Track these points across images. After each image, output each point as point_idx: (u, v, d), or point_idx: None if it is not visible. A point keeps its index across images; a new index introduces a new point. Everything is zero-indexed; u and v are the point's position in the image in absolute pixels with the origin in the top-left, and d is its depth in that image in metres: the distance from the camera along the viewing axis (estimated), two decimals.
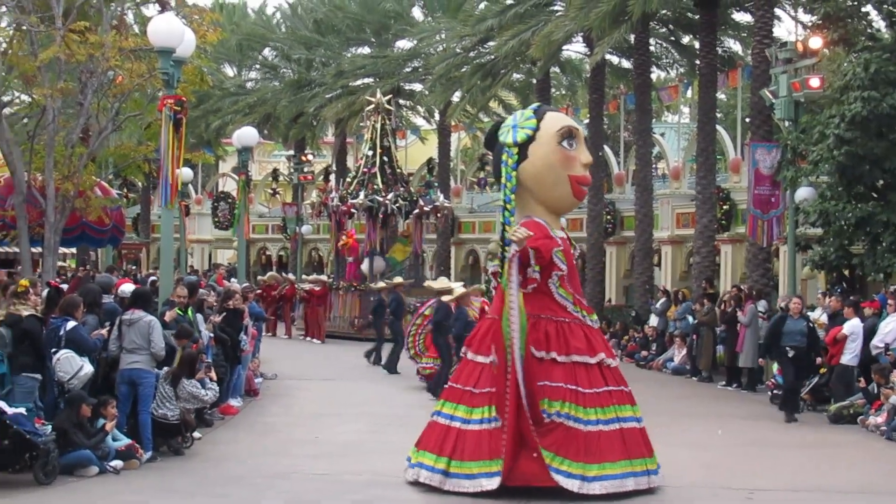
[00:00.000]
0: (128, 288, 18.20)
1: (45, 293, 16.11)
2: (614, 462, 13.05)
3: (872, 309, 21.71)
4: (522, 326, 12.94)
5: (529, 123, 14.10)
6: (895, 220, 23.60)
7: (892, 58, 23.63)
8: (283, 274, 43.58)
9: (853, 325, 20.92)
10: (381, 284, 31.99)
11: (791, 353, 20.91)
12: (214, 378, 16.93)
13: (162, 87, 20.03)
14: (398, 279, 31.59)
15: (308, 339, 36.32)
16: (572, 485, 12.75)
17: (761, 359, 24.01)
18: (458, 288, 23.23)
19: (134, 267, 49.94)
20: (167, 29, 18.45)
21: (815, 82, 26.16)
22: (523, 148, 13.93)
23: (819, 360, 21.82)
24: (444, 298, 22.53)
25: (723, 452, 16.84)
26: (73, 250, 39.60)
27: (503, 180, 13.91)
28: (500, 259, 13.59)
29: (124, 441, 14.59)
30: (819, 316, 23.38)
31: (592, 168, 14.88)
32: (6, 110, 27.21)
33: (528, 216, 13.92)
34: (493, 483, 12.84)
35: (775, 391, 22.76)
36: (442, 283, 24.92)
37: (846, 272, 25.94)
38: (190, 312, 17.76)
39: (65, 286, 19.42)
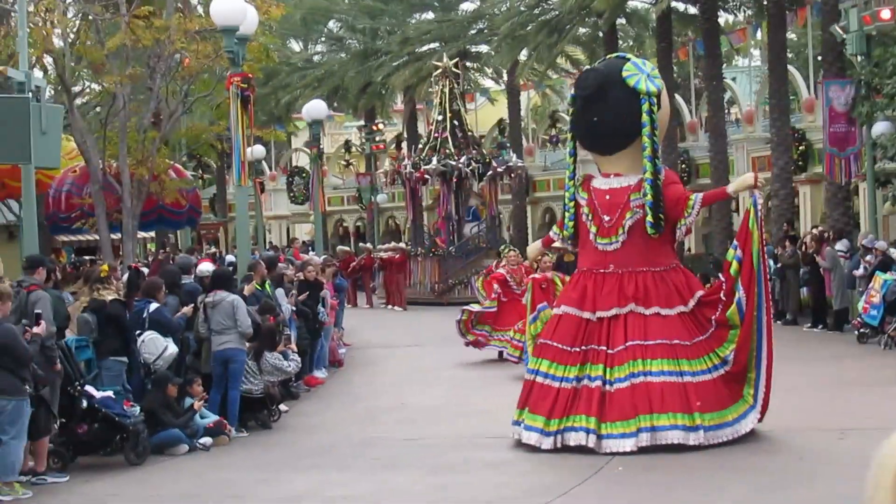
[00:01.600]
0: (206, 268, 18.36)
1: (125, 277, 16.31)
2: None
3: None
4: None
5: (656, 74, 14.10)
6: None
7: None
8: (362, 244, 43.78)
9: None
10: None
11: None
12: (295, 350, 17.01)
13: (228, 66, 20.17)
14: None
15: (390, 307, 36.42)
16: None
17: None
18: None
19: (212, 248, 50.39)
20: (229, 7, 18.53)
21: (886, 14, 25.68)
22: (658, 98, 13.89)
23: None
24: None
25: (812, 394, 16.70)
26: (152, 234, 40.07)
27: (648, 129, 13.60)
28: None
29: (212, 418, 14.74)
30: None
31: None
32: (77, 100, 27.53)
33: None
34: (748, 425, 13.17)
35: (862, 330, 22.52)
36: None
37: None
38: (268, 287, 17.88)
39: (146, 270, 19.66)
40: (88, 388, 13.28)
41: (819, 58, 34.29)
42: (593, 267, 13.78)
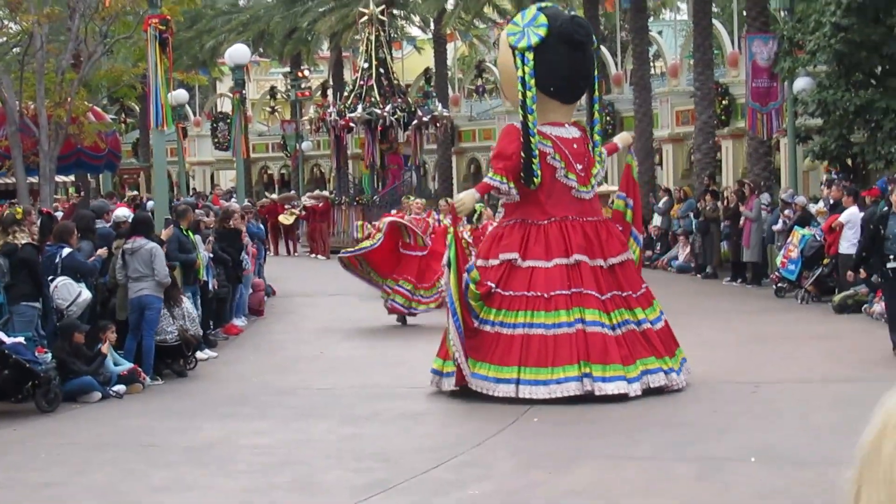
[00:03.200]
0: (123, 212, 18.11)
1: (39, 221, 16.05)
2: None
3: (871, 197, 21.57)
4: None
5: None
6: (895, 107, 23.39)
7: None
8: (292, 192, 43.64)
9: (850, 214, 20.77)
10: None
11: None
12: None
13: (147, 7, 19.82)
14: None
15: (312, 255, 36.29)
16: None
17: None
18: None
19: (136, 193, 49.81)
20: None
21: None
22: None
23: None
24: None
25: (728, 348, 16.83)
26: (71, 178, 39.45)
27: (597, 83, 14.53)
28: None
29: (126, 365, 14.59)
30: (821, 206, 23.24)
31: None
32: None
33: None
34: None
35: (779, 284, 22.73)
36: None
37: (847, 161, 25.75)
38: (190, 233, 17.68)
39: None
40: None
41: (744, 13, 34.41)
42: (579, 215, 13.68)
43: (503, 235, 13.75)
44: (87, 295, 14.56)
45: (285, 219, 37.25)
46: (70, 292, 14.38)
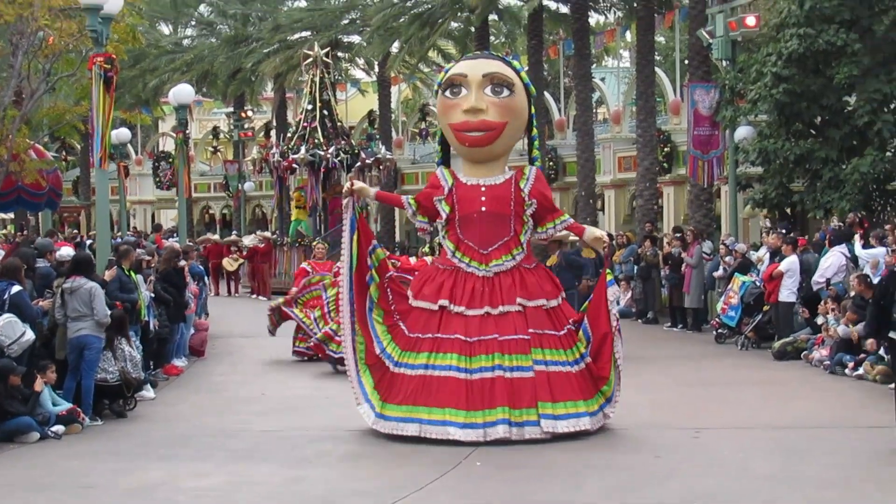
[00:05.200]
0: (66, 252, 17.94)
1: None
2: None
3: (800, 246, 21.84)
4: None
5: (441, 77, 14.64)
6: (834, 157, 23.75)
7: None
8: (234, 233, 43.41)
9: (790, 262, 21.04)
10: None
11: None
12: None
13: (92, 45, 19.72)
14: None
15: (254, 296, 36.14)
16: None
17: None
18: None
19: (76, 231, 49.39)
20: None
21: (751, 21, 26.23)
22: None
23: None
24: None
25: (670, 393, 16.90)
26: (11, 215, 39.08)
27: None
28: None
29: (65, 406, 14.42)
30: (762, 254, 23.44)
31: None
32: None
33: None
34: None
35: (720, 330, 22.88)
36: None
37: (787, 210, 26.04)
38: (132, 273, 17.54)
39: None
40: None
41: (686, 62, 34.79)
42: None
43: (544, 277, 14.03)
44: (30, 335, 14.35)
45: (229, 264, 37.20)
46: (15, 331, 14.16)
